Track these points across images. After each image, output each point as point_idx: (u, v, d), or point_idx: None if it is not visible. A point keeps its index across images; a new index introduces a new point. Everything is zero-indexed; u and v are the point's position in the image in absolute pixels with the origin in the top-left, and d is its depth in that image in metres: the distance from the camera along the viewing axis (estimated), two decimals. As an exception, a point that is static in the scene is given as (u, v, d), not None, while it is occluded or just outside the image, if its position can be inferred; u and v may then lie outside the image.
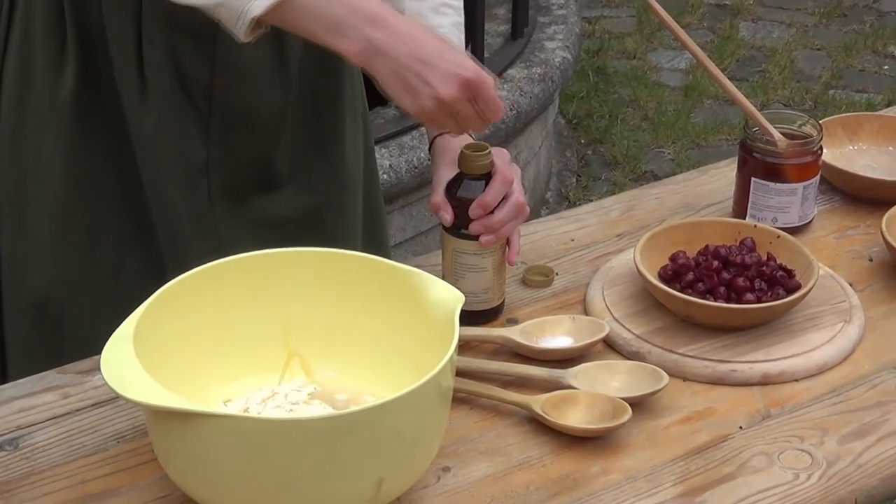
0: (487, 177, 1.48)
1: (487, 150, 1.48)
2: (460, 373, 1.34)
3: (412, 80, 1.35)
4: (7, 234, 1.63)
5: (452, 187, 1.49)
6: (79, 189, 1.59)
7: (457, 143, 1.54)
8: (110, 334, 1.21)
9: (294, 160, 1.66)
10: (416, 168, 3.26)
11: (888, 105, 4.51)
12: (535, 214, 3.87)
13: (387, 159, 3.19)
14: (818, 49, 5.12)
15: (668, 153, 4.36)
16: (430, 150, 1.61)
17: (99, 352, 1.19)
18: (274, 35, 1.51)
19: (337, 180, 1.70)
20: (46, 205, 1.60)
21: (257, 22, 1.36)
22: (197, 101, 1.56)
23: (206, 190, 1.62)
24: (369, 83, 1.51)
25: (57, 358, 1.49)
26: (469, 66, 1.36)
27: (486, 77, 1.37)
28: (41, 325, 1.63)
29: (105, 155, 1.59)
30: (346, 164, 1.72)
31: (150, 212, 1.61)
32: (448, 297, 1.29)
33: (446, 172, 1.53)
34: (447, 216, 1.50)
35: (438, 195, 1.51)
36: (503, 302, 1.55)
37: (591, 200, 2.90)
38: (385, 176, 3.17)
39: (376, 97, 1.52)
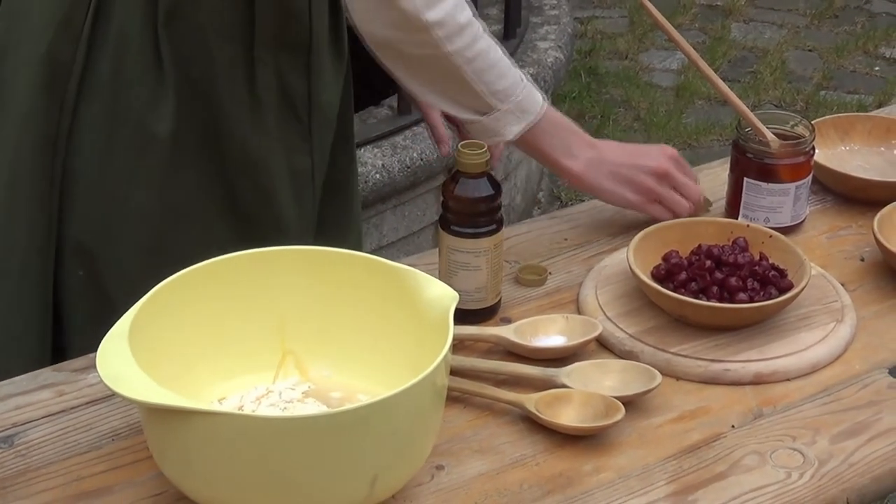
0: (485, 175, 1.48)
1: (484, 149, 1.48)
2: (454, 371, 1.34)
3: (626, 172, 1.65)
4: (97, 269, 1.59)
5: (449, 185, 1.50)
6: (170, 222, 1.58)
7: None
8: None
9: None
10: (408, 168, 3.26)
11: (879, 106, 4.52)
12: (527, 214, 3.87)
13: (379, 159, 3.19)
14: (809, 50, 5.13)
15: (660, 154, 4.36)
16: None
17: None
18: (336, 36, 1.63)
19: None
20: (134, 241, 1.58)
21: None
22: (300, 112, 1.62)
23: (311, 197, 1.68)
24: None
25: None
26: (668, 150, 1.70)
27: (684, 161, 1.70)
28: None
29: (199, 185, 1.58)
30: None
31: (250, 233, 1.58)
32: (443, 296, 1.29)
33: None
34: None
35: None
36: (499, 302, 1.55)
37: (583, 200, 2.90)
38: (378, 175, 3.17)
39: (367, 97, 1.54)
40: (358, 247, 1.85)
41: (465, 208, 1.49)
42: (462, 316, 1.39)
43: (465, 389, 1.40)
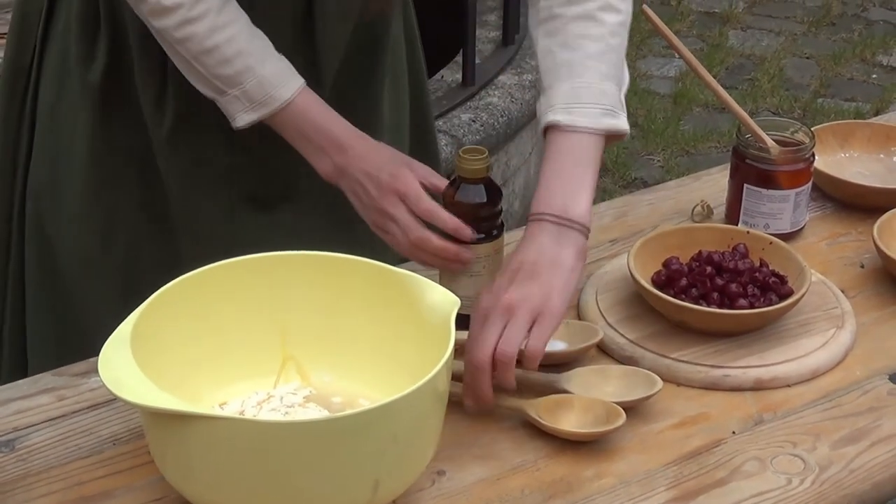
0: (485, 181, 1.48)
1: (485, 154, 1.48)
2: (456, 376, 1.34)
3: (361, 192, 1.50)
4: (44, 204, 1.69)
5: (449, 191, 1.50)
6: (100, 176, 1.66)
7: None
8: (118, 324, 1.23)
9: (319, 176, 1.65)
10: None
11: (877, 113, 4.52)
12: (524, 221, 3.87)
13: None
14: (807, 57, 5.13)
15: (658, 160, 4.37)
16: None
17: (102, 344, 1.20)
18: (309, 55, 1.59)
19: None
20: (74, 183, 1.67)
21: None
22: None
23: (227, 195, 1.65)
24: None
25: (69, 347, 1.57)
26: (401, 176, 1.48)
27: (418, 190, 1.47)
28: (56, 307, 1.71)
29: (128, 148, 1.65)
30: None
31: (170, 207, 1.66)
32: (444, 302, 1.29)
33: None
34: (468, 232, 1.48)
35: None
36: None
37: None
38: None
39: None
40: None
41: (466, 214, 1.48)
42: (463, 321, 1.39)
43: None
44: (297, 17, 1.59)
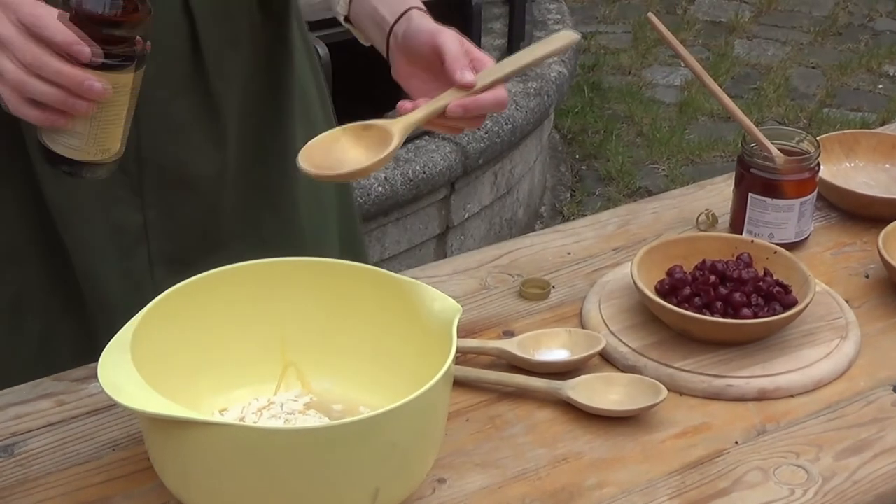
0: None
1: None
2: (459, 383, 1.34)
3: None
4: None
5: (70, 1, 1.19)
6: None
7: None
8: None
9: (240, 216, 1.61)
10: (411, 181, 3.26)
11: (883, 123, 4.51)
12: (529, 228, 3.87)
13: (381, 172, 3.19)
14: (813, 67, 5.13)
15: (663, 169, 4.37)
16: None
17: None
18: (205, 89, 1.51)
19: (290, 230, 1.66)
20: None
21: None
22: (126, 163, 1.41)
23: (145, 256, 1.56)
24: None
25: None
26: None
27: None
28: None
29: (23, 221, 1.51)
30: (299, 212, 1.66)
31: (78, 279, 1.54)
32: (446, 309, 1.29)
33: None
34: (86, 50, 1.19)
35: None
36: (103, 165, 1.28)
37: (585, 215, 2.90)
38: (380, 188, 3.17)
39: (367, 112, 1.49)
40: (357, 257, 1.75)
41: (90, 27, 1.18)
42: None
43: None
44: (183, 49, 1.49)
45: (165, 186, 1.53)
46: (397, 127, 1.34)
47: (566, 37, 1.45)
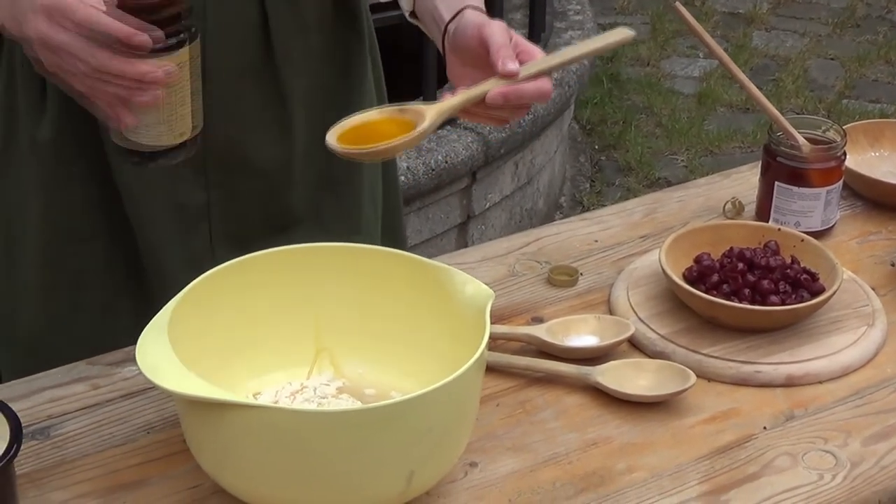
0: None
1: None
2: (489, 368, 1.35)
3: (31, 49, 1.26)
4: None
5: None
6: (61, 235, 1.55)
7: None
8: None
9: (304, 200, 1.62)
10: (433, 170, 3.27)
11: (901, 115, 4.52)
12: (549, 219, 3.88)
13: (404, 161, 3.20)
14: (831, 59, 5.13)
15: (682, 160, 4.37)
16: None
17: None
18: (273, 76, 1.52)
19: (349, 217, 1.67)
20: (31, 249, 1.56)
21: None
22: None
23: (206, 234, 1.58)
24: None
25: None
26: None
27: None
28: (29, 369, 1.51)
29: (88, 200, 1.55)
30: (362, 199, 1.68)
31: (141, 255, 1.57)
32: (478, 294, 1.30)
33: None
34: (146, 38, 1.22)
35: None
36: (184, 146, 1.33)
37: (605, 206, 2.91)
38: (402, 178, 3.18)
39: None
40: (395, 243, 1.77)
41: (142, 15, 1.21)
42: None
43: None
44: (253, 35, 1.51)
45: (229, 168, 1.55)
46: (431, 111, 1.35)
47: (620, 33, 1.45)
